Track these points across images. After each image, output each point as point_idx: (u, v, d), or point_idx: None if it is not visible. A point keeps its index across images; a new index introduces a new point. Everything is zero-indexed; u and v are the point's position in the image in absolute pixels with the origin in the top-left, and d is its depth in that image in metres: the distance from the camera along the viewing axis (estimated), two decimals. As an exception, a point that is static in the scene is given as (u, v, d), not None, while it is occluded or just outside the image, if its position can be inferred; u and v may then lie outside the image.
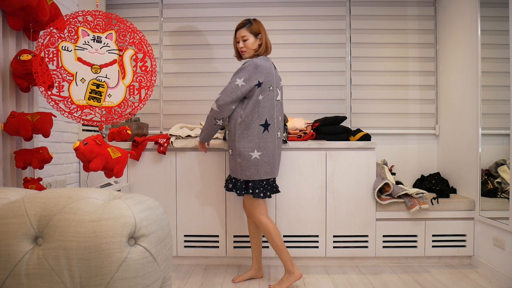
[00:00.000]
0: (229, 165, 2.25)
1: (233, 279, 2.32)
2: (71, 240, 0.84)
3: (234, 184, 2.19)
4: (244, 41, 2.13)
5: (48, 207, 0.90)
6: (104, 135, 1.99)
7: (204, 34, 3.21)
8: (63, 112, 1.60)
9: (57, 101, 1.59)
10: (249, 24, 2.14)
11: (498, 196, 2.48)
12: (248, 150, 2.07)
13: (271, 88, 2.11)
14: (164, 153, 2.57)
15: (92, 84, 1.62)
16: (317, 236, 2.60)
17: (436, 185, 2.85)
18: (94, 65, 1.62)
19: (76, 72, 1.60)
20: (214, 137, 2.56)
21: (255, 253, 2.35)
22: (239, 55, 2.25)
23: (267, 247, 2.59)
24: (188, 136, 2.59)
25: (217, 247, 2.62)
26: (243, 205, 2.37)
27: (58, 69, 1.57)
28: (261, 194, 2.12)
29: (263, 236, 2.53)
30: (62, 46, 1.58)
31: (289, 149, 2.57)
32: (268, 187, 2.17)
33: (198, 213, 2.61)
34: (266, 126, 2.10)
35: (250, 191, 2.12)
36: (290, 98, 3.16)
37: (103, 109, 1.65)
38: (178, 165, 2.61)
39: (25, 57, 1.61)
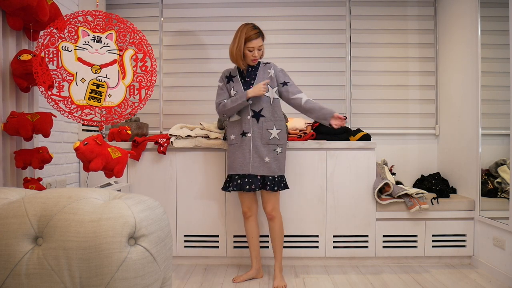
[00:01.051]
0: (272, 165, 2.19)
1: (233, 279, 2.32)
2: (71, 240, 0.84)
3: (270, 181, 2.19)
4: (259, 50, 2.20)
5: (48, 207, 0.90)
6: (104, 135, 1.99)
7: (204, 34, 3.21)
8: (63, 112, 1.60)
9: (57, 101, 1.59)
10: (262, 34, 2.22)
11: (498, 196, 2.48)
12: None
13: None
14: (164, 153, 2.57)
15: (92, 84, 1.62)
16: (317, 236, 2.60)
17: (436, 185, 2.85)
18: (94, 65, 1.62)
19: (76, 72, 1.60)
20: (214, 137, 2.56)
21: (255, 253, 2.35)
22: (242, 62, 2.21)
23: (267, 247, 2.59)
24: (188, 136, 2.59)
25: (217, 247, 2.62)
26: (247, 206, 2.28)
27: (58, 69, 1.57)
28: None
29: (263, 236, 2.54)
30: (62, 46, 1.58)
31: (289, 149, 2.57)
32: None
33: (198, 213, 2.61)
34: None
35: (285, 184, 2.28)
36: (290, 98, 3.16)
37: (103, 109, 1.65)
38: (178, 165, 2.61)
39: (25, 57, 1.61)
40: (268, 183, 2.19)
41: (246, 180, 2.20)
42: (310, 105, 2.19)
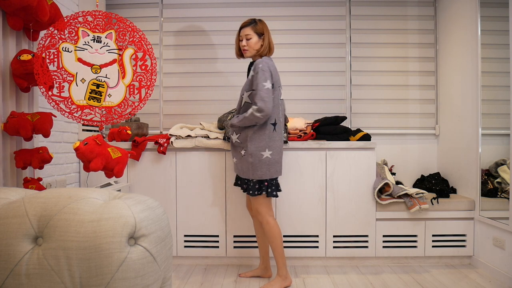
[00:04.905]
0: (238, 166, 2.20)
1: (240, 274, 2.37)
2: (71, 240, 0.84)
3: (247, 185, 2.18)
4: (248, 39, 2.13)
5: (48, 207, 0.90)
6: (104, 135, 1.99)
7: (204, 34, 3.21)
8: (63, 112, 1.60)
9: (57, 102, 1.59)
10: (254, 23, 2.13)
11: (498, 196, 2.48)
12: (260, 150, 2.08)
13: (279, 87, 2.16)
14: (164, 153, 2.57)
15: (92, 84, 1.62)
16: (317, 236, 2.60)
17: (436, 185, 2.85)
18: (94, 65, 1.62)
19: (77, 73, 1.60)
20: (214, 137, 2.56)
21: (262, 252, 2.35)
22: (240, 54, 2.25)
23: (267, 247, 2.60)
24: (188, 136, 2.59)
25: (217, 247, 2.62)
26: (247, 205, 2.38)
27: (59, 70, 1.58)
28: (274, 193, 2.13)
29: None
30: (63, 47, 1.58)
31: (289, 149, 2.57)
32: (277, 186, 2.19)
33: (198, 213, 2.61)
34: (274, 125, 2.11)
35: (264, 190, 2.12)
36: (290, 98, 3.16)
37: (103, 109, 1.65)
38: (178, 165, 2.61)
39: (25, 57, 1.61)
40: (245, 186, 2.22)
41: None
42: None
